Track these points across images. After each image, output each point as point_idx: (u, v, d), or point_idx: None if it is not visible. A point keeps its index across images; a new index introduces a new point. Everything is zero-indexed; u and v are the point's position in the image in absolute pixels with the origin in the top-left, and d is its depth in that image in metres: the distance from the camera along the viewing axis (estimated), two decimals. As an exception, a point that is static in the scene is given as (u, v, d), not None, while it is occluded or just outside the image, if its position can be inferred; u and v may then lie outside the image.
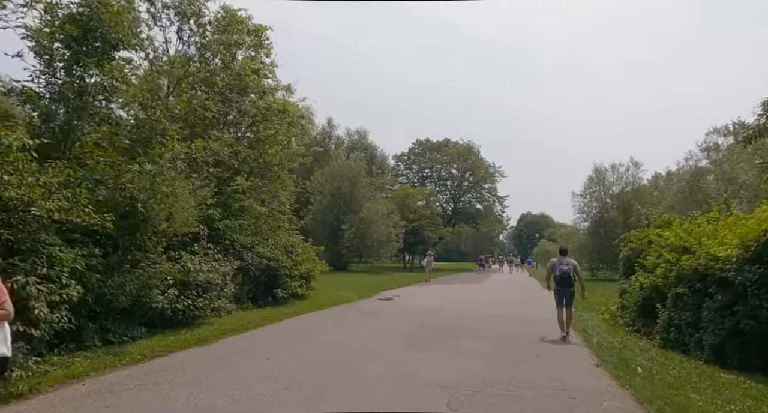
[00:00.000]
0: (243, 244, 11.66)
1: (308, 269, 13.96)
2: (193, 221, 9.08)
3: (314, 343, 7.42)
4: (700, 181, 23.51)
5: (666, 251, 8.66)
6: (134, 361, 5.91)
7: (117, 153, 7.39)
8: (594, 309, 12.91)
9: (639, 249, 10.50)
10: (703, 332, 6.86)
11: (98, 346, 6.41)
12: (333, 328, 8.92)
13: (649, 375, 5.87)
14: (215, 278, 9.08)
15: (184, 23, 11.93)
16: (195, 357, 6.37)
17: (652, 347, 7.68)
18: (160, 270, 7.70)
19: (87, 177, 6.10)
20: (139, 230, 7.19)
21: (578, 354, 7.30)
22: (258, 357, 6.42)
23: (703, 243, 7.70)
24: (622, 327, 9.60)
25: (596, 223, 31.36)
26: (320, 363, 6.13)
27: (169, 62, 12.27)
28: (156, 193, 7.19)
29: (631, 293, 9.64)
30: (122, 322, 7.07)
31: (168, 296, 7.72)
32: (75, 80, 6.67)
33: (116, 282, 6.82)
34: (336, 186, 33.24)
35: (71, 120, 6.61)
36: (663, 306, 8.07)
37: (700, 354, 6.80)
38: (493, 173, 55.84)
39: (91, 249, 6.44)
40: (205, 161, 9.85)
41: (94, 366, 5.48)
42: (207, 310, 8.82)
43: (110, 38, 6.85)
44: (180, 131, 10.70)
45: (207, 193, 9.76)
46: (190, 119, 11.90)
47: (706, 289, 7.04)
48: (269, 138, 14.50)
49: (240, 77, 12.77)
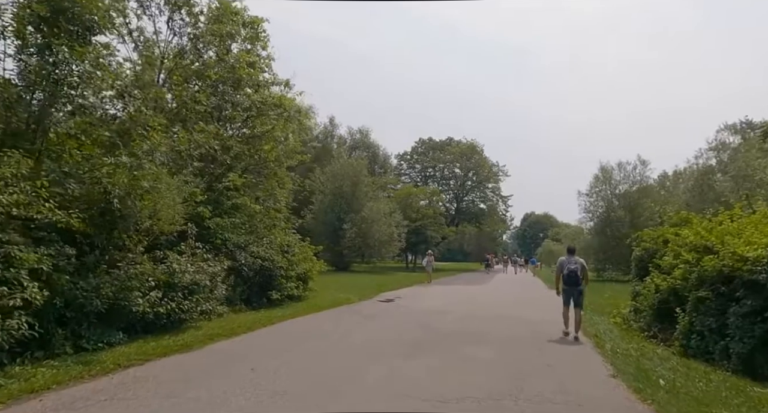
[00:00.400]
0: (236, 243, 11.13)
1: (305, 269, 13.43)
2: (180, 218, 8.56)
3: (305, 350, 6.87)
4: (711, 179, 22.84)
5: (685, 251, 8.06)
6: (105, 371, 5.38)
7: (97, 146, 6.88)
8: (604, 312, 12.33)
9: (653, 249, 9.88)
10: (729, 339, 6.26)
11: (69, 354, 5.88)
12: (327, 333, 8.37)
13: (672, 387, 5.29)
14: (203, 280, 8.54)
15: (174, 13, 11.39)
16: (173, 365, 5.83)
17: (672, 355, 7.08)
18: (141, 271, 7.16)
19: (54, 170, 5.57)
20: (117, 228, 6.66)
21: (591, 362, 6.73)
22: (242, 366, 5.88)
23: (726, 243, 7.10)
24: (636, 332, 9.01)
25: (602, 222, 30.76)
26: (309, 373, 5.58)
27: (160, 54, 11.76)
28: (135, 188, 6.66)
29: (646, 296, 9.04)
30: (98, 327, 6.53)
31: (149, 299, 7.19)
32: (46, 66, 6.15)
33: (91, 284, 6.29)
34: (337, 185, 32.75)
35: (43, 109, 6.09)
36: (682, 311, 7.47)
37: (726, 364, 6.21)
38: (497, 172, 55.16)
39: (62, 249, 5.91)
40: (190, 155, 9.31)
41: (58, 378, 4.94)
42: (194, 313, 8.29)
43: (84, 20, 6.32)
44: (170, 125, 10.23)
45: (193, 189, 9.22)
46: (182, 113, 11.41)
47: (732, 293, 6.44)
48: (266, 134, 13.99)
49: (234, 70, 12.24)
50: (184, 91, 10.79)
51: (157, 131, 7.13)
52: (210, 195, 10.88)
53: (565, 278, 8.63)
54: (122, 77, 7.02)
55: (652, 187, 30.07)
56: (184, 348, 6.76)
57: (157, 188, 7.29)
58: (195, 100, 10.27)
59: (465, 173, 54.73)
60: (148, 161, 6.84)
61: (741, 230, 7.37)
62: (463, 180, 55.22)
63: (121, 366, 5.61)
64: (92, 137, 6.80)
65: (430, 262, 24.72)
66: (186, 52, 11.94)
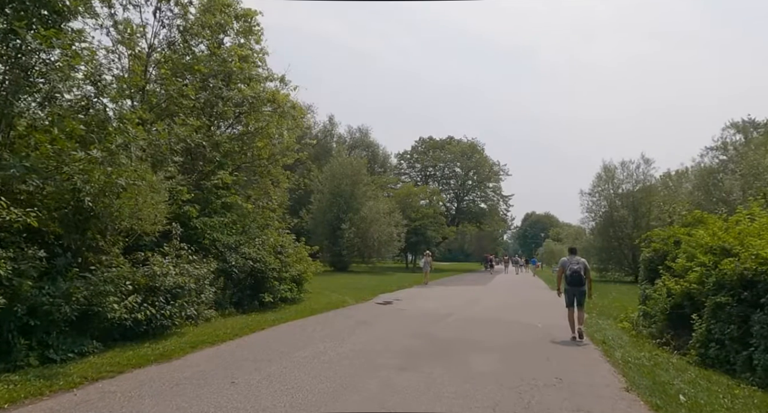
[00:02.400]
0: (225, 244, 10.63)
1: (300, 270, 12.92)
2: (163, 218, 8.06)
3: (292, 360, 6.35)
4: (718, 177, 22.30)
5: (700, 253, 7.55)
6: (69, 386, 4.87)
7: (70, 139, 6.36)
8: (610, 315, 11.85)
9: (664, 251, 9.36)
10: (753, 349, 5.76)
11: (34, 366, 5.38)
12: (318, 340, 7.86)
13: (695, 405, 4.78)
14: (188, 283, 8.04)
15: (162, 2, 10.88)
16: (147, 378, 5.33)
17: (688, 365, 6.58)
18: (118, 274, 6.65)
19: (14, 165, 5.07)
20: (89, 228, 6.15)
21: (602, 373, 6.22)
22: (222, 378, 5.38)
23: (746, 244, 6.60)
24: (646, 339, 8.50)
25: (605, 222, 30.21)
26: (293, 388, 5.06)
27: (147, 46, 11.25)
28: (110, 185, 6.15)
29: (657, 301, 8.52)
30: (69, 336, 6.03)
31: (127, 305, 6.69)
32: (11, 51, 5.65)
33: (60, 289, 5.78)
34: (336, 184, 32.21)
35: (5, 99, 5.58)
36: (699, 317, 6.97)
37: (750, 376, 5.70)
38: (498, 171, 54.53)
39: (25, 251, 5.40)
40: (172, 149, 8.78)
41: (13, 396, 4.43)
42: (177, 319, 7.80)
43: (53, 3, 5.82)
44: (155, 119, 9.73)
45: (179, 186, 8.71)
46: (170, 108, 10.90)
47: (755, 298, 5.93)
48: (259, 131, 13.49)
49: (225, 63, 11.73)
50: (172, 84, 10.27)
51: (134, 123, 6.61)
52: (198, 194, 10.37)
53: (568, 278, 8.56)
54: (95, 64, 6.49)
55: (655, 186, 29.52)
56: (162, 357, 6.26)
57: (137, 185, 6.78)
58: (182, 94, 9.74)
59: (465, 173, 54.11)
60: (124, 157, 6.31)
61: (762, 230, 6.86)
62: (464, 179, 54.60)
63: (88, 380, 5.11)
64: (65, 130, 6.29)
65: (427, 263, 24.19)
66: (174, 44, 11.41)
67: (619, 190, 30.23)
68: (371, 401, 4.70)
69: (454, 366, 6.28)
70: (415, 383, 5.36)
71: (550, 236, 65.25)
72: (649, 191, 28.79)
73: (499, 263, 49.53)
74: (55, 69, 5.81)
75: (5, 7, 5.65)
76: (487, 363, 6.60)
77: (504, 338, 8.54)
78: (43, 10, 6.02)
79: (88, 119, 6.35)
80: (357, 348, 7.28)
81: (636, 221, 28.37)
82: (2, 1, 5.59)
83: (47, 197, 5.84)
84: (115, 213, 6.68)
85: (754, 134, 31.96)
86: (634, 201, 28.98)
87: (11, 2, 5.65)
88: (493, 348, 7.68)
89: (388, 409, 4.46)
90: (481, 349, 7.56)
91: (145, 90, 10.57)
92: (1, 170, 4.98)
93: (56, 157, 6.04)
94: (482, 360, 6.79)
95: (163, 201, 7.81)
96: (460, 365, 6.37)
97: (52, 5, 5.88)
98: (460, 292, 19.24)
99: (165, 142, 8.20)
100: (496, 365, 6.50)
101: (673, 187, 28.80)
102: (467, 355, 7.02)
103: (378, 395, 4.90)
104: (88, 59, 6.26)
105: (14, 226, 4.98)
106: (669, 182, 29.64)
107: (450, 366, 6.26)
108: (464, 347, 7.64)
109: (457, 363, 6.44)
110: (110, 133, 6.46)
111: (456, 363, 6.49)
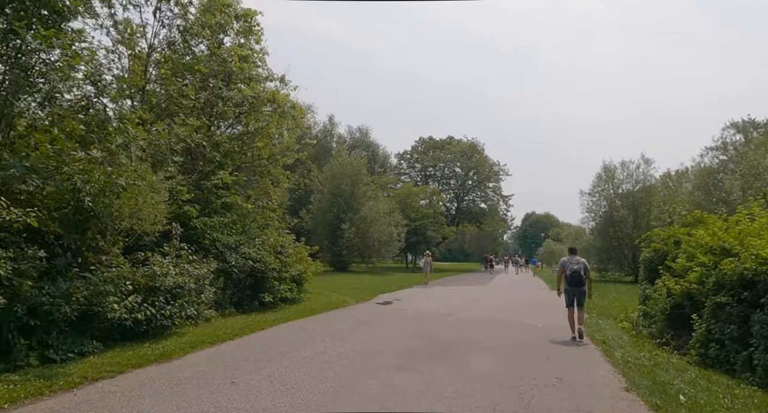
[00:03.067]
0: (225, 244, 10.63)
1: (300, 270, 12.92)
2: (163, 218, 8.06)
3: (292, 360, 6.35)
4: (718, 177, 22.29)
5: (700, 253, 7.55)
6: (69, 386, 4.87)
7: (71, 139, 6.36)
8: (609, 315, 11.85)
9: (664, 251, 9.36)
10: (753, 349, 5.76)
11: (34, 366, 5.38)
12: (318, 340, 7.86)
13: (695, 405, 4.78)
14: (188, 283, 8.04)
15: (162, 2, 10.88)
16: (147, 378, 5.33)
17: (688, 365, 6.58)
18: (118, 274, 6.65)
19: (14, 165, 5.07)
20: (89, 228, 6.15)
21: (602, 373, 6.22)
22: (222, 378, 5.39)
23: (747, 244, 6.60)
24: (646, 339, 8.50)
25: (605, 222, 30.21)
26: (293, 388, 5.06)
27: (147, 46, 11.26)
28: (110, 185, 6.15)
29: (657, 301, 8.52)
30: (69, 336, 6.03)
31: (127, 305, 6.69)
32: (10, 51, 5.65)
33: (60, 289, 5.78)
34: (336, 184, 32.22)
35: (5, 99, 5.58)
36: (699, 317, 6.97)
37: (750, 377, 5.70)
38: (498, 171, 54.51)
39: (25, 251, 5.40)
40: (172, 149, 8.78)
41: (13, 396, 4.44)
42: (177, 319, 7.80)
43: (53, 3, 5.81)
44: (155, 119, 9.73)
45: (179, 186, 8.71)
46: (170, 108, 10.90)
47: (755, 298, 5.94)
48: (261, 130, 13.48)
49: (225, 63, 11.73)
50: (172, 84, 10.27)
51: (134, 122, 6.61)
52: (198, 194, 10.37)
53: (568, 278, 8.55)
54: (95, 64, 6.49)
55: (655, 186, 29.52)
56: (162, 357, 6.26)
57: (137, 185, 6.78)
58: (182, 94, 9.74)
59: (465, 173, 54.10)
60: (124, 157, 6.31)
61: (762, 230, 6.86)
62: (464, 179, 54.59)
63: (88, 380, 5.11)
64: (65, 130, 6.29)
65: (427, 263, 24.19)
66: (174, 44, 11.41)
67: (619, 190, 30.25)
68: (371, 401, 4.70)
69: (454, 366, 6.29)
70: (415, 383, 5.37)
71: (550, 236, 65.24)
72: (649, 191, 28.79)
73: (499, 263, 49.51)
74: (55, 69, 5.82)
75: (5, 7, 5.66)
76: (487, 363, 6.60)
77: (504, 338, 8.54)
78: (43, 10, 6.02)
79: (88, 119, 6.36)
80: (357, 348, 7.28)
81: (636, 221, 28.37)
82: (2, 1, 5.59)
83: (47, 197, 5.84)
84: (115, 213, 6.69)
85: (754, 134, 31.94)
86: (634, 201, 28.99)
87: (11, 2, 5.65)
88: (493, 348, 7.68)
89: (388, 409, 4.47)
90: (481, 349, 7.56)
91: (145, 90, 10.61)
92: (1, 170, 4.98)
93: (56, 157, 6.05)
94: (482, 360, 6.80)
95: (163, 201, 7.81)
96: (460, 365, 6.38)
97: (52, 5, 5.89)
98: (460, 292, 19.25)
99: (165, 142, 8.21)
100: (496, 365, 6.50)
101: (673, 187, 28.80)
102: (467, 355, 7.03)
103: (378, 395, 4.91)
104: (88, 59, 6.26)
105: (14, 226, 4.99)
106: (669, 182, 29.64)
107: (450, 366, 6.27)
108: (464, 347, 7.65)
109: (457, 363, 6.45)
110: (110, 133, 6.47)
111: (456, 363, 6.50)
